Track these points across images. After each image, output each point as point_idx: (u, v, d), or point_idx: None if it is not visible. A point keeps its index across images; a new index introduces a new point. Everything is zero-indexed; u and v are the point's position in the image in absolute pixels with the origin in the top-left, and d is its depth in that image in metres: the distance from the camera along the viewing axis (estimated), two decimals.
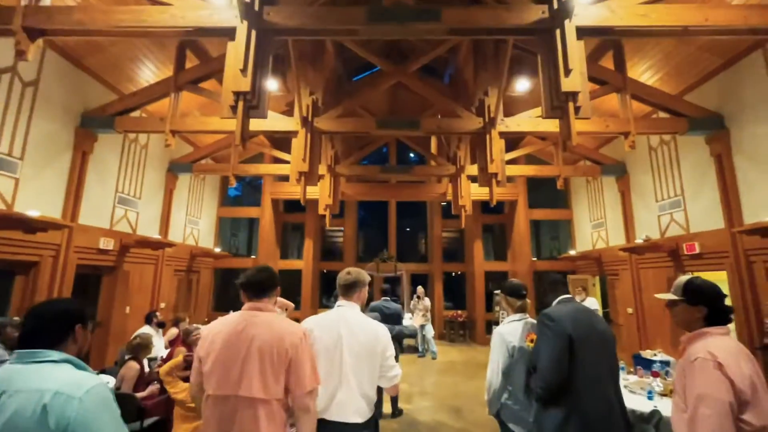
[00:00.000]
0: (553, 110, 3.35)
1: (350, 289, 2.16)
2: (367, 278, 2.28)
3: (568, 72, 3.21)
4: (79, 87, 5.72)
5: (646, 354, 5.89)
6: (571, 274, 9.51)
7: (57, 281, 5.29)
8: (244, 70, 3.25)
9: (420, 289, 9.18)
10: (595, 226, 9.08)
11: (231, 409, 1.57)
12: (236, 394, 1.57)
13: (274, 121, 5.85)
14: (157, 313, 5.84)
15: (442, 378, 7.00)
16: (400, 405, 5.13)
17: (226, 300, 10.71)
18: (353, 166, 8.60)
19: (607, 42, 5.98)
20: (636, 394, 3.51)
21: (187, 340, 3.90)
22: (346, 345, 1.94)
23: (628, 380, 4.00)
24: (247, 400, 1.57)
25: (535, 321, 2.22)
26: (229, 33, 3.44)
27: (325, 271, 12.20)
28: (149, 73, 6.40)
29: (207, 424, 1.60)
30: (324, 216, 8.48)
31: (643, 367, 4.86)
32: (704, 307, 1.61)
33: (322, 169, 7.84)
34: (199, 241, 9.26)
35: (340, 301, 2.17)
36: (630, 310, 7.62)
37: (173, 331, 5.27)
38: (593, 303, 6.92)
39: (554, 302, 2.22)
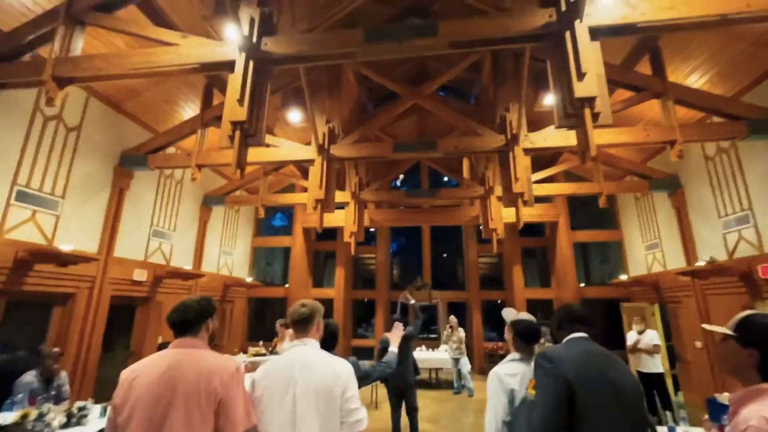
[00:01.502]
0: (567, 119, 3.01)
1: (306, 324, 1.91)
2: (322, 308, 2.02)
3: (581, 76, 2.88)
4: (118, 129, 6.19)
5: (723, 398, 4.93)
6: (626, 302, 8.52)
7: (91, 312, 5.55)
8: (240, 100, 3.27)
9: (453, 319, 8.62)
10: (648, 247, 8.13)
11: None
12: None
13: (292, 150, 5.92)
14: None
15: (477, 419, 6.35)
16: None
17: (260, 329, 10.78)
18: (378, 192, 8.48)
19: (642, 45, 5.50)
20: None
21: None
22: (299, 388, 1.69)
23: None
24: None
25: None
26: (230, 66, 3.52)
27: (366, 300, 11.99)
28: (182, 112, 6.83)
29: None
30: (357, 244, 8.37)
31: (714, 417, 4.03)
32: (756, 350, 1.22)
33: (346, 197, 7.81)
34: (233, 271, 9.50)
35: (294, 341, 1.91)
36: (698, 344, 6.57)
37: None
38: (654, 337, 6.00)
39: (564, 339, 1.82)
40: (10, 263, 4.48)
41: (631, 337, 6.20)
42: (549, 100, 6.76)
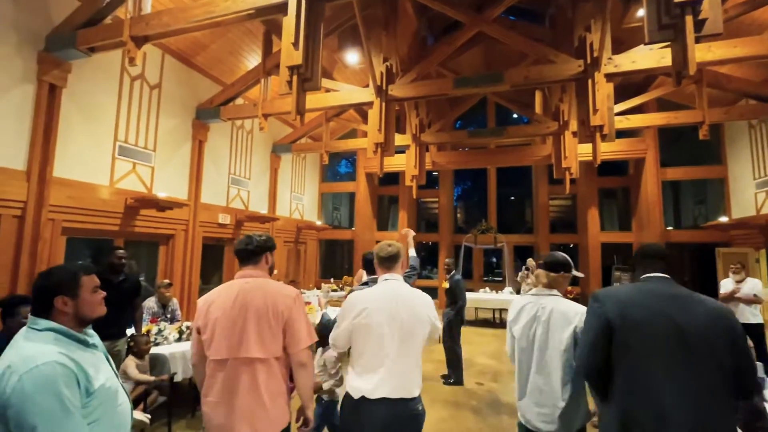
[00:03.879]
0: (662, 31, 2.53)
1: (393, 261, 2.09)
2: (404, 249, 2.26)
3: None
4: (192, 84, 6.60)
5: None
6: (724, 247, 7.58)
7: (189, 251, 6.40)
8: (295, 43, 3.25)
9: (531, 261, 8.43)
10: (760, 184, 6.96)
11: (232, 370, 1.69)
12: (236, 356, 1.69)
13: (351, 94, 5.86)
14: None
15: None
16: (487, 382, 4.90)
17: (331, 268, 11.65)
18: (439, 133, 8.18)
19: None
20: None
21: None
22: (404, 319, 1.88)
23: None
24: (246, 360, 1.69)
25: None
26: (283, 9, 3.47)
27: (429, 243, 12.26)
28: (245, 62, 7.03)
29: (210, 385, 1.73)
30: (420, 187, 8.33)
31: None
32: None
33: (407, 139, 7.67)
34: (304, 215, 10.16)
35: (387, 275, 2.08)
36: None
37: None
38: (756, 285, 5.28)
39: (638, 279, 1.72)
40: (122, 209, 5.26)
41: (726, 286, 5.53)
42: (642, 12, 5.70)
